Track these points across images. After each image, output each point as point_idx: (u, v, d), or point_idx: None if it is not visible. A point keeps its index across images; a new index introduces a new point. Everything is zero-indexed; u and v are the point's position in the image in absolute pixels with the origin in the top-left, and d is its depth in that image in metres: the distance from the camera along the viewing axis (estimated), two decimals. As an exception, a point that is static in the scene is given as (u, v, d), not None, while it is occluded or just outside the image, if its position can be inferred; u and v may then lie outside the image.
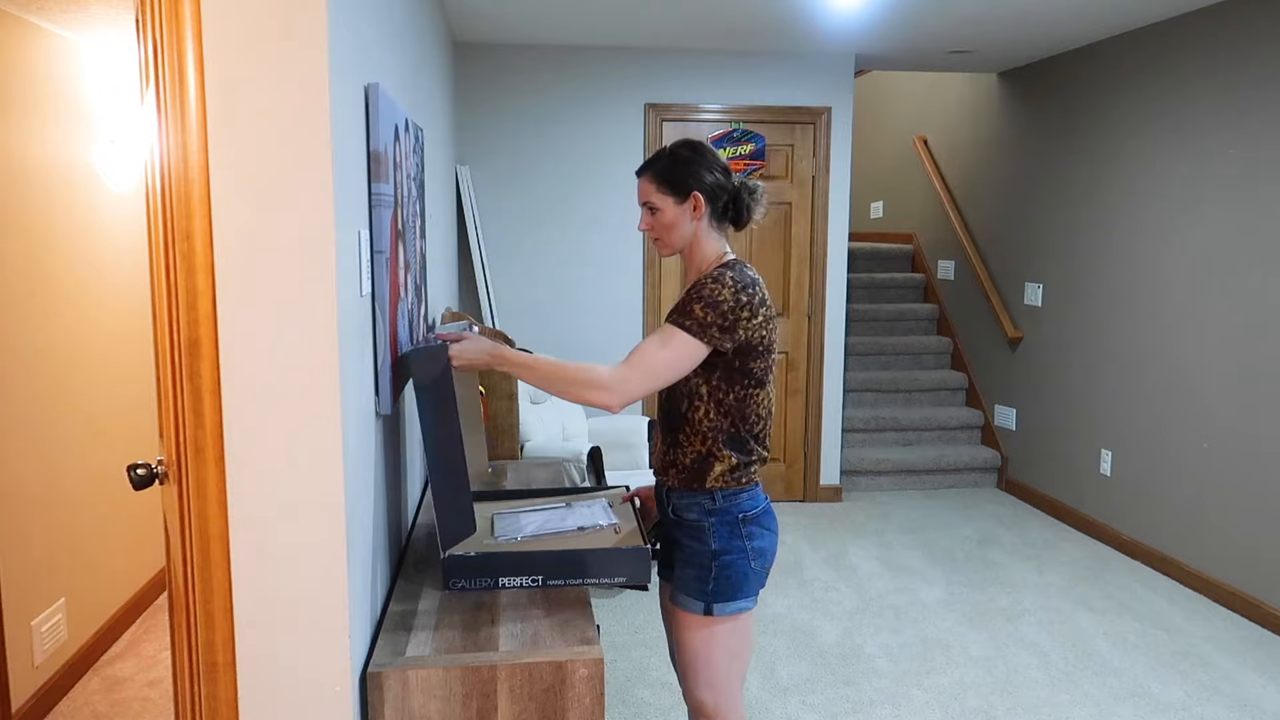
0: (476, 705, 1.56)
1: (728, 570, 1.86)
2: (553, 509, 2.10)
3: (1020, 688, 3.08)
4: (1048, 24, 4.18)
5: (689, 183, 1.89)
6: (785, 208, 4.97)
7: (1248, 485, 3.67)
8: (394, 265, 1.97)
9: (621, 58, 4.77)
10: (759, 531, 1.90)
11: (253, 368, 1.42)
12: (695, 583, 1.88)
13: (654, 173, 1.90)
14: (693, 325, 1.78)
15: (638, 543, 1.86)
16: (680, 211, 1.90)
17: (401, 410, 2.21)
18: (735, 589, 1.87)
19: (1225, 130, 3.76)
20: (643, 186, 1.93)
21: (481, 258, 4.64)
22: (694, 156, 1.90)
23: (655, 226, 1.92)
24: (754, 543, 1.88)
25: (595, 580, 1.83)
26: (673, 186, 1.89)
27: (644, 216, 1.94)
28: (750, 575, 1.88)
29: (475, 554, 1.82)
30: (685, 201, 1.89)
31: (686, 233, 1.92)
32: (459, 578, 1.81)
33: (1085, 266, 4.66)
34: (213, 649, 1.46)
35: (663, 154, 1.92)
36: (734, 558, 1.87)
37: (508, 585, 1.83)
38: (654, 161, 1.92)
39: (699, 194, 1.89)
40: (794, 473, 5.15)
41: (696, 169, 1.89)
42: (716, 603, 1.87)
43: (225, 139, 1.37)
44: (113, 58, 3.39)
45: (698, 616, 1.88)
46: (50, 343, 2.92)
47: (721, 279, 1.81)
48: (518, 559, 1.82)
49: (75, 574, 3.06)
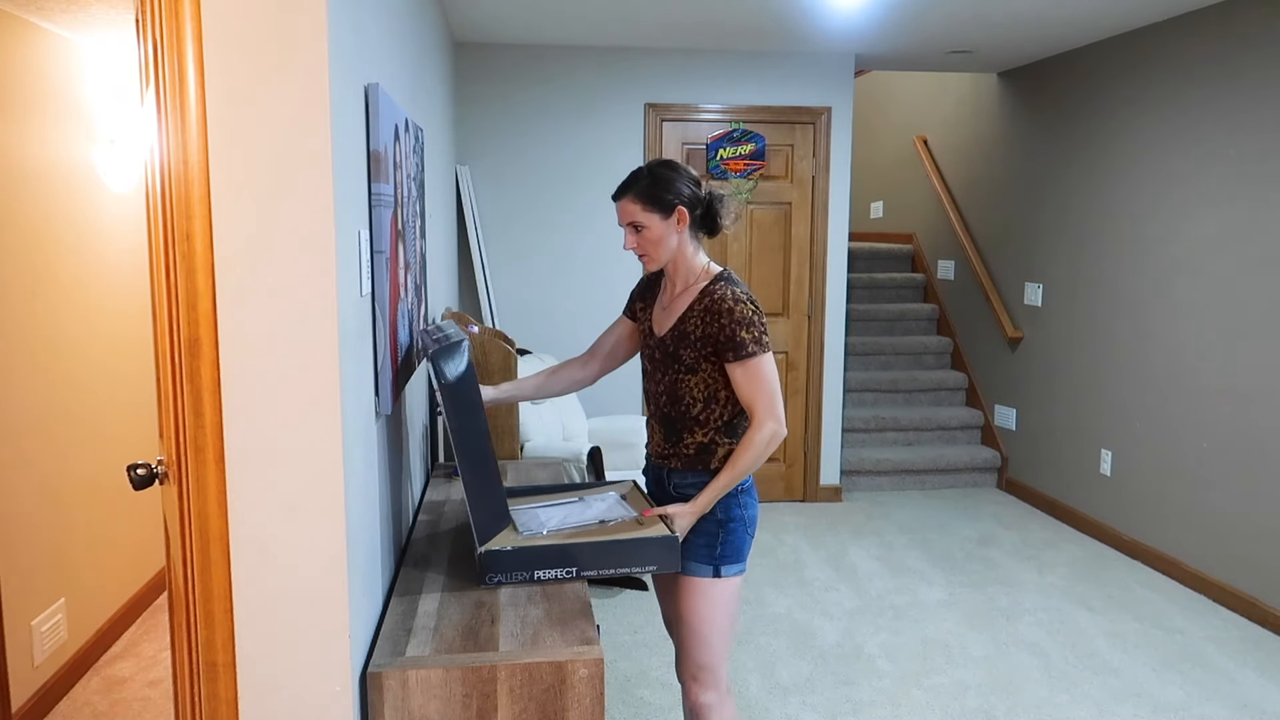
0: (476, 705, 1.56)
1: (731, 536, 2.04)
2: (569, 504, 2.13)
3: (1020, 688, 3.08)
4: (1048, 24, 4.18)
5: (672, 198, 1.99)
6: (785, 208, 4.97)
7: (1248, 485, 3.67)
8: (394, 265, 1.97)
9: (621, 58, 4.77)
10: (749, 501, 2.09)
11: (253, 368, 1.42)
12: (704, 549, 2.04)
13: (636, 193, 2.00)
14: (756, 349, 1.95)
15: (664, 531, 1.93)
16: (666, 226, 2.01)
17: (402, 410, 2.21)
18: (737, 552, 2.06)
19: (1225, 130, 3.76)
20: (625, 208, 2.01)
21: (481, 258, 4.64)
22: (672, 173, 2.00)
23: (642, 244, 2.03)
24: (748, 511, 2.07)
25: (628, 570, 1.89)
26: (658, 203, 1.99)
27: (629, 237, 2.04)
28: (746, 540, 2.08)
29: (511, 548, 1.84)
30: (670, 216, 2.00)
31: (672, 246, 2.03)
32: (495, 572, 1.84)
33: (1085, 266, 4.66)
34: (213, 649, 1.46)
35: (641, 174, 2.01)
36: (735, 525, 2.05)
37: (543, 578, 1.87)
38: (633, 183, 2.01)
39: (682, 208, 2.00)
40: (794, 473, 5.14)
41: (677, 184, 2.00)
42: (724, 565, 2.04)
43: (225, 139, 1.37)
44: (113, 58, 3.39)
45: (706, 580, 2.04)
46: (50, 343, 2.92)
47: (737, 299, 1.96)
48: (553, 551, 1.85)
49: (75, 574, 3.06)
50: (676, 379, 2.04)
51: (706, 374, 2.01)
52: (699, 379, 2.01)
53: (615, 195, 2.03)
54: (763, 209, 4.95)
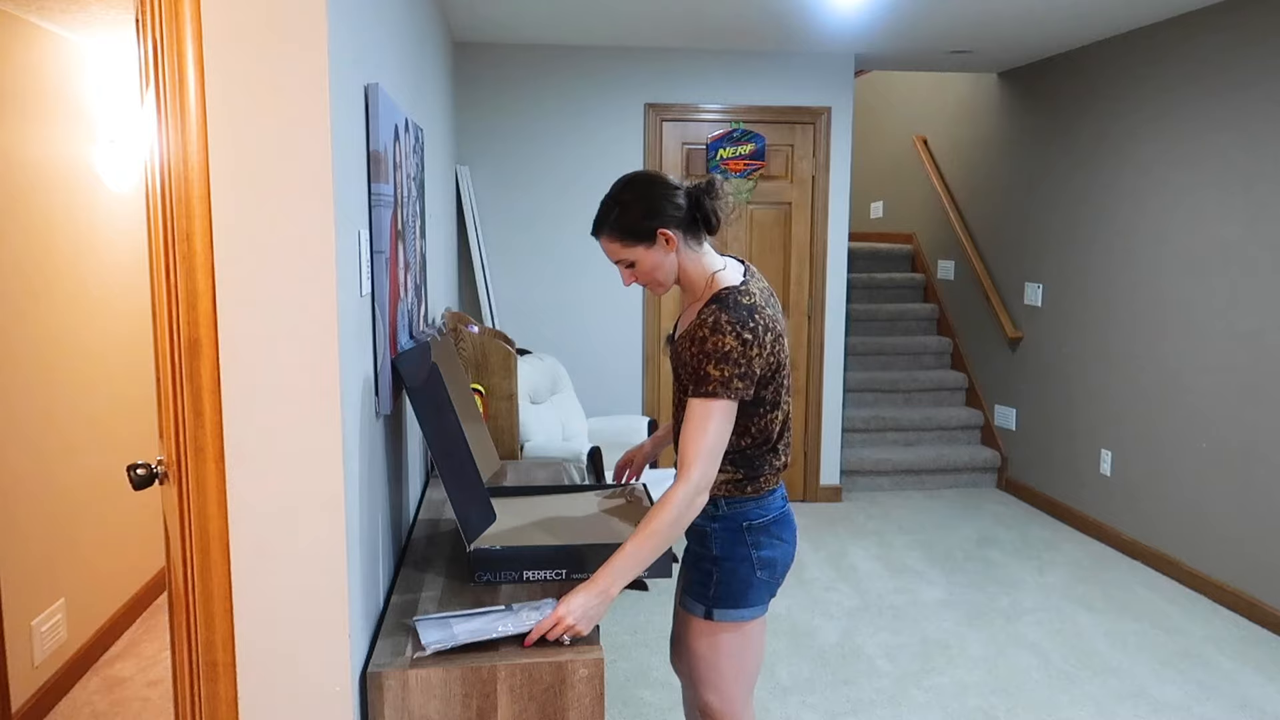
0: (476, 705, 1.56)
1: (729, 577, 1.84)
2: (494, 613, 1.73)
3: (1020, 688, 3.08)
4: (1048, 24, 4.18)
5: (649, 224, 1.78)
6: (785, 208, 4.97)
7: (1247, 485, 3.67)
8: (394, 265, 1.97)
9: (621, 58, 4.77)
10: (768, 541, 1.86)
11: (253, 368, 1.42)
12: (698, 586, 1.88)
13: (610, 230, 1.80)
14: (717, 389, 1.70)
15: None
16: (655, 253, 1.81)
17: (402, 410, 2.21)
18: (738, 597, 1.85)
19: (1225, 130, 3.76)
20: (607, 248, 1.83)
21: (481, 258, 4.64)
22: (638, 196, 1.79)
23: (639, 277, 1.84)
24: (760, 552, 1.85)
25: None
26: (636, 234, 1.79)
27: (623, 274, 1.85)
28: (755, 584, 1.85)
29: (501, 547, 1.84)
30: (655, 242, 1.80)
31: (672, 267, 1.83)
32: (485, 571, 1.84)
33: (1085, 266, 4.66)
34: (213, 649, 1.46)
35: (610, 207, 1.81)
36: (736, 565, 1.84)
37: (532, 579, 1.86)
38: (604, 219, 1.81)
39: (664, 230, 1.79)
40: (794, 473, 5.14)
41: (648, 206, 1.78)
42: (717, 608, 1.86)
43: (225, 139, 1.37)
44: (113, 58, 3.39)
45: (700, 620, 1.88)
46: (50, 343, 2.92)
47: (719, 326, 1.72)
48: (543, 553, 1.85)
49: (75, 574, 3.06)
50: (685, 393, 1.82)
51: None
52: None
53: (593, 233, 1.84)
54: (763, 209, 4.95)
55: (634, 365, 4.96)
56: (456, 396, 2.34)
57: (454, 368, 2.42)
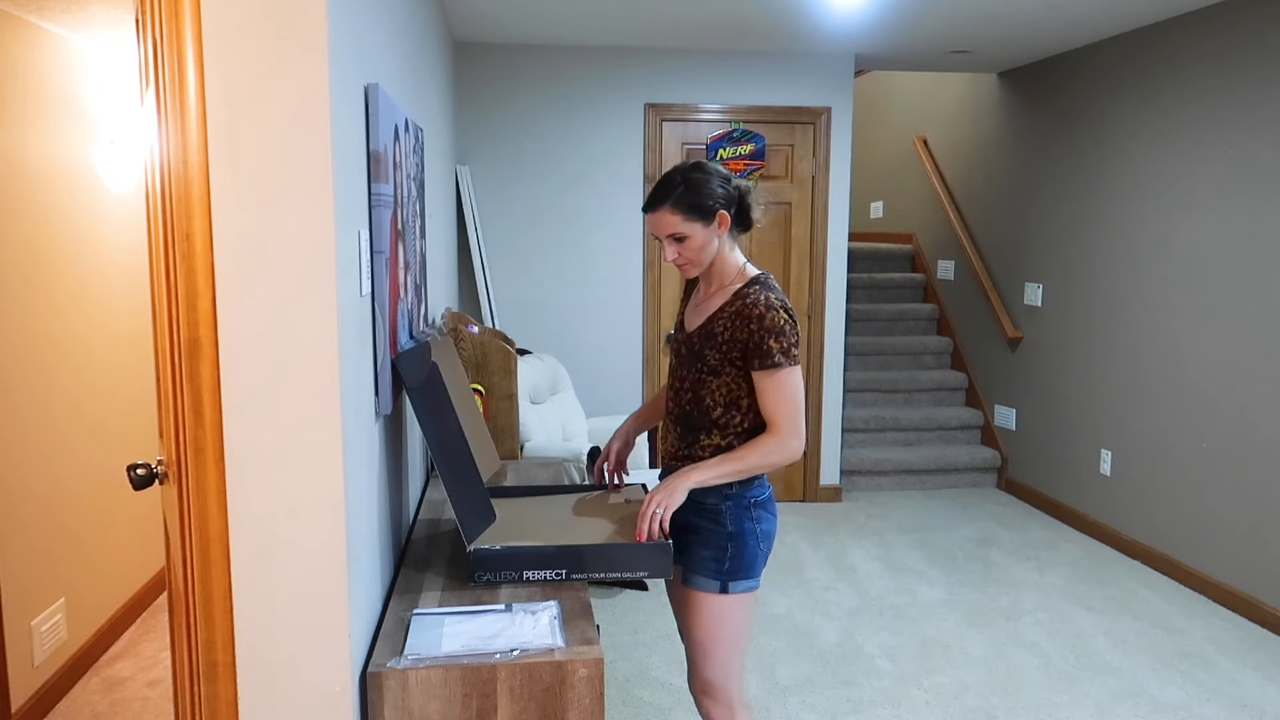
0: (476, 705, 1.56)
1: (741, 550, 1.96)
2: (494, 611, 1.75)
3: (1020, 688, 3.08)
4: (1047, 24, 4.18)
5: (712, 203, 1.90)
6: (785, 208, 4.97)
7: (1248, 485, 3.67)
8: (394, 265, 1.97)
9: (621, 58, 4.77)
10: (765, 515, 2.01)
11: (253, 368, 1.42)
12: (711, 563, 1.97)
13: (674, 202, 1.90)
14: (783, 360, 1.87)
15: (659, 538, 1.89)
16: (709, 233, 1.92)
17: (402, 410, 2.20)
18: (747, 568, 1.97)
19: (1224, 130, 3.76)
20: (663, 220, 1.91)
21: (481, 258, 4.64)
22: (706, 176, 1.91)
23: (684, 254, 1.94)
24: (761, 526, 1.99)
25: (618, 574, 1.87)
26: (698, 211, 1.90)
27: (669, 249, 1.94)
28: (759, 556, 1.99)
29: (500, 547, 1.84)
30: (712, 222, 1.92)
31: (713, 250, 1.95)
32: (485, 571, 1.84)
33: (1085, 266, 4.66)
34: (213, 649, 1.46)
35: (675, 181, 1.91)
36: (746, 539, 1.97)
37: (532, 579, 1.86)
38: (666, 192, 1.91)
39: (723, 211, 1.92)
40: (794, 472, 5.14)
41: (713, 187, 1.91)
42: (731, 581, 1.96)
43: (225, 139, 1.37)
44: (113, 58, 3.39)
45: (713, 595, 1.97)
46: (50, 343, 2.92)
47: (770, 305, 1.88)
48: (541, 554, 1.85)
49: (75, 574, 3.06)
50: (700, 379, 1.97)
51: (730, 378, 1.93)
52: (721, 382, 1.94)
53: (647, 206, 1.93)
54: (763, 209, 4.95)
55: (634, 365, 4.96)
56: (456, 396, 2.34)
57: (454, 368, 2.42)
